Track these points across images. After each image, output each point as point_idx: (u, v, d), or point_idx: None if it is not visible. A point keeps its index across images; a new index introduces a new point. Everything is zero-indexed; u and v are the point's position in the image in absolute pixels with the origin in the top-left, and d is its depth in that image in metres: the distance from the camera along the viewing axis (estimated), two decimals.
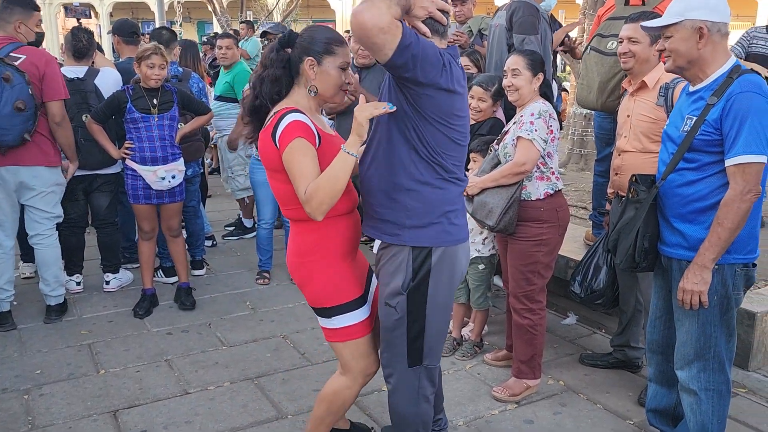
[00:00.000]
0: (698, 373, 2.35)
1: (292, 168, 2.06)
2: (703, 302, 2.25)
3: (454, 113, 2.05)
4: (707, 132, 2.20)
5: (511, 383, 3.15)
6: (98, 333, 3.83)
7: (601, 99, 3.63)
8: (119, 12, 33.51)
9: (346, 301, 2.23)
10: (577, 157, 7.55)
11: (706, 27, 2.19)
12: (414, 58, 1.89)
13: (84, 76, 4.14)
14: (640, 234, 2.37)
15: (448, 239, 2.15)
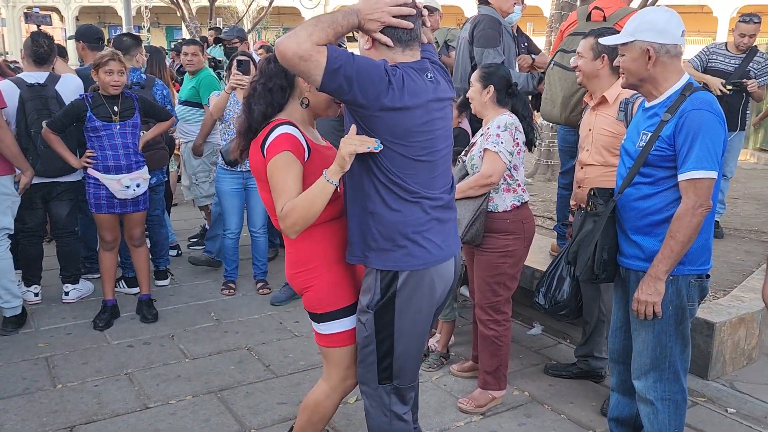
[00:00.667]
0: (654, 383, 2.40)
1: (274, 181, 2.08)
2: (656, 313, 2.31)
3: (412, 131, 1.97)
4: (661, 148, 2.26)
5: (477, 394, 3.15)
6: (56, 346, 3.72)
7: (565, 113, 3.68)
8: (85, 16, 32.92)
9: (340, 308, 2.24)
10: (543, 168, 7.64)
11: (653, 49, 2.25)
12: (348, 80, 1.83)
13: (45, 82, 4.04)
14: (598, 246, 2.42)
15: (413, 263, 2.06)
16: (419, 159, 2.02)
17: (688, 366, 2.43)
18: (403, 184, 2.01)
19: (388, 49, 2.00)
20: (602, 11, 3.69)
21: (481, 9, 4.13)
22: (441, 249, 2.11)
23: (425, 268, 2.08)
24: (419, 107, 1.97)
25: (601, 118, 2.99)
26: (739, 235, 5.21)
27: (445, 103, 2.11)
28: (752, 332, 3.56)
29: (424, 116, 2.00)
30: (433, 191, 2.08)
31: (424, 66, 2.05)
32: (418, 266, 2.07)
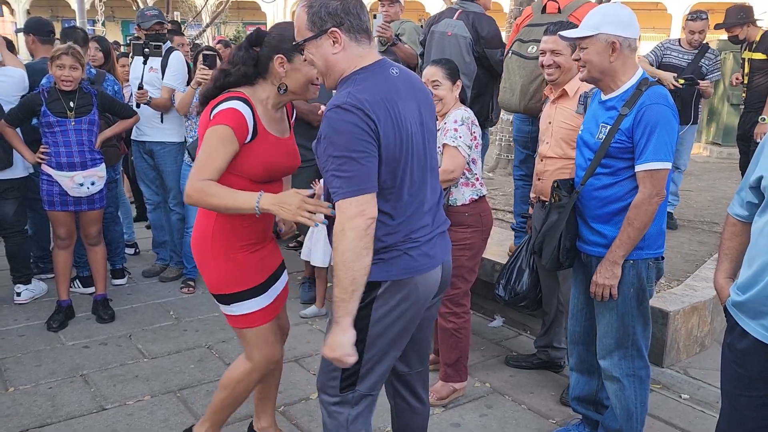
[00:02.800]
0: (619, 361, 2.51)
1: (204, 148, 2.09)
2: (613, 295, 2.42)
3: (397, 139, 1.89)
4: (620, 140, 2.35)
5: (438, 387, 3.17)
6: (8, 348, 3.61)
7: (524, 102, 3.73)
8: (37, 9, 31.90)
9: (243, 290, 2.27)
10: (504, 162, 7.72)
11: (618, 42, 2.33)
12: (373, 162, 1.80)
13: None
14: (563, 236, 2.50)
15: (396, 272, 1.92)
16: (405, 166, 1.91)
17: (648, 343, 2.56)
18: (388, 192, 1.89)
19: (358, 46, 1.89)
20: (557, 3, 3.75)
21: (471, 6, 4.15)
22: (428, 257, 1.99)
23: (409, 277, 1.95)
24: (394, 110, 1.87)
25: (561, 111, 3.03)
26: (692, 226, 5.36)
27: (419, 91, 2.01)
28: (705, 320, 3.67)
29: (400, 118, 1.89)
30: (418, 195, 1.97)
31: (386, 63, 1.96)
32: (402, 275, 1.94)
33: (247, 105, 2.13)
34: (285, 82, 2.20)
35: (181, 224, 4.73)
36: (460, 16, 4.13)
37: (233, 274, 2.25)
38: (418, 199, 1.96)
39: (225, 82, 2.20)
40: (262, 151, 2.13)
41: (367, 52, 1.91)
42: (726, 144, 9.65)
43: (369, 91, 1.83)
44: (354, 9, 1.88)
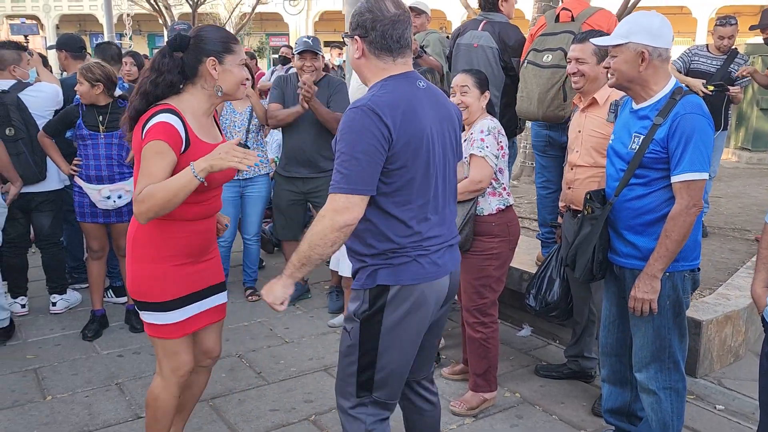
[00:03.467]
0: (656, 374, 2.48)
1: (143, 166, 2.09)
2: (653, 309, 2.38)
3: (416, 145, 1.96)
4: (655, 151, 2.33)
5: (468, 397, 3.17)
6: (45, 357, 3.69)
7: (542, 109, 3.74)
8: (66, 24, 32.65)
9: (157, 301, 2.26)
10: (529, 170, 7.69)
11: (648, 51, 2.31)
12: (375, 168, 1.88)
13: (8, 89, 3.97)
14: (596, 248, 2.48)
15: (406, 278, 1.99)
16: (420, 175, 1.97)
17: (685, 355, 2.53)
18: (401, 198, 1.96)
19: (378, 60, 1.99)
20: (570, 11, 3.76)
21: (495, 16, 4.17)
22: (437, 266, 2.04)
23: (417, 284, 2.00)
24: (414, 118, 1.94)
25: (591, 119, 3.02)
26: (722, 233, 5.28)
27: (442, 107, 2.06)
28: (739, 329, 3.62)
29: (421, 128, 1.95)
30: (429, 204, 2.02)
31: (414, 75, 2.03)
32: (411, 281, 1.99)
33: (177, 116, 2.13)
34: (220, 84, 2.20)
35: None
36: (485, 27, 4.14)
37: (150, 284, 2.25)
38: (431, 207, 2.02)
39: (154, 95, 2.18)
40: (194, 159, 2.12)
41: (390, 66, 2.00)
42: (756, 149, 9.49)
43: (389, 96, 1.92)
44: (381, 28, 1.95)
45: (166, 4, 18.14)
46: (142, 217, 2.07)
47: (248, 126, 4.45)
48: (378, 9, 1.96)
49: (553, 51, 3.63)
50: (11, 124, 3.85)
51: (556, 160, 4.03)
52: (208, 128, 2.29)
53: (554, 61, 3.62)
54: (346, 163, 1.87)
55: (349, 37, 2.03)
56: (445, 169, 2.07)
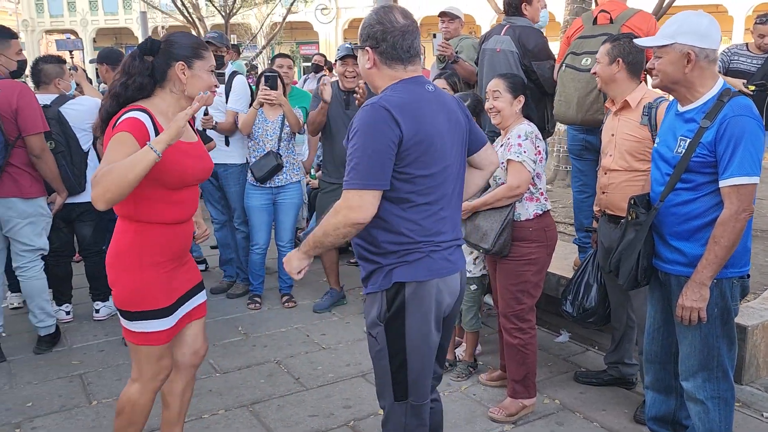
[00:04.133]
0: (704, 383, 2.41)
1: (105, 154, 2.09)
2: (701, 318, 2.32)
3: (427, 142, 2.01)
4: (702, 154, 2.27)
5: (507, 403, 3.15)
6: (89, 363, 3.79)
7: (581, 113, 3.70)
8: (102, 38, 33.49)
9: (148, 309, 2.26)
10: (563, 174, 7.61)
11: (694, 53, 2.26)
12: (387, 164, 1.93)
13: (50, 104, 4.07)
14: (641, 254, 2.43)
15: (421, 273, 2.04)
16: (432, 173, 2.02)
17: (734, 364, 2.46)
18: (416, 195, 2.01)
19: (389, 69, 2.05)
20: (608, 14, 3.71)
21: (518, 21, 4.16)
22: (449, 262, 2.09)
23: (431, 279, 2.05)
24: (425, 120, 1.99)
25: (623, 122, 2.98)
26: (765, 236, 5.15)
27: (451, 112, 2.10)
28: None
29: (432, 128, 2.01)
30: (441, 202, 2.07)
31: (423, 79, 2.09)
32: (426, 277, 2.04)
33: (146, 114, 2.16)
34: (186, 88, 2.24)
35: (246, 242, 4.87)
36: (507, 32, 4.14)
37: (140, 293, 2.24)
38: (445, 206, 2.08)
39: (125, 97, 2.21)
40: (171, 159, 2.14)
41: (401, 74, 2.06)
42: None
43: (400, 96, 1.98)
44: (392, 38, 2.01)
45: (199, 16, 18.49)
46: (100, 200, 2.02)
47: (280, 134, 4.51)
48: (388, 21, 2.01)
49: (592, 54, 3.59)
50: (51, 138, 3.96)
51: (593, 163, 3.98)
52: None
53: (593, 64, 3.58)
54: (358, 159, 1.92)
55: (360, 48, 2.08)
56: (458, 170, 2.13)
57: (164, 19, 23.51)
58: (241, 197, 4.74)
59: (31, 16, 35.02)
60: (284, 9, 19.84)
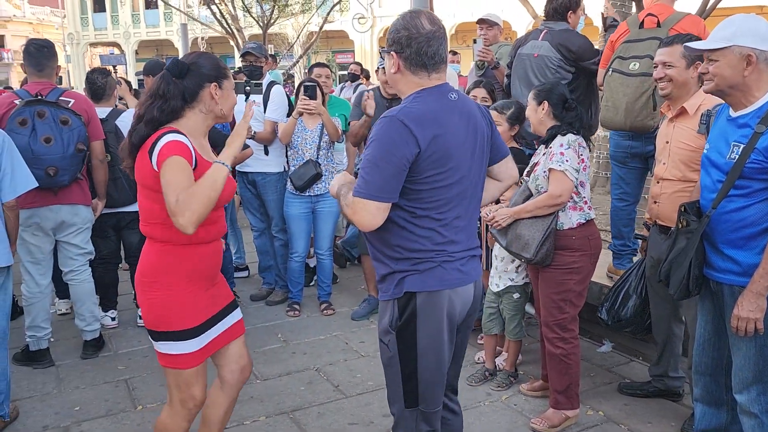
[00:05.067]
0: (758, 396, 2.34)
1: (166, 180, 2.08)
2: (758, 329, 2.25)
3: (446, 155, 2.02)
4: (757, 160, 2.21)
5: (550, 414, 3.10)
6: (134, 368, 3.87)
7: (630, 119, 3.62)
8: (144, 49, 34.35)
9: (175, 330, 2.24)
10: (603, 180, 7.51)
11: (755, 55, 2.20)
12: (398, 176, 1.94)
13: (106, 117, 4.20)
14: (692, 263, 2.37)
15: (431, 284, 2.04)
16: (448, 184, 2.01)
17: None
18: (425, 204, 2.01)
19: (414, 75, 2.04)
20: (656, 17, 3.64)
21: (556, 25, 4.13)
22: (462, 273, 2.09)
23: (443, 290, 2.05)
24: (444, 131, 1.98)
25: (679, 130, 2.90)
26: None
27: (475, 121, 2.09)
28: None
29: (451, 139, 2.00)
30: (456, 211, 2.06)
31: (446, 88, 2.08)
32: (437, 287, 2.04)
33: (184, 136, 2.20)
34: (218, 107, 2.29)
35: (284, 250, 4.92)
36: (545, 37, 4.10)
37: (166, 313, 2.22)
38: (462, 215, 2.07)
39: (158, 121, 2.22)
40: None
41: (425, 81, 2.05)
42: None
43: (420, 107, 1.97)
44: (416, 45, 2.01)
45: (237, 27, 18.81)
46: (192, 224, 2.05)
47: (319, 143, 4.55)
48: (414, 26, 2.00)
49: (641, 58, 3.53)
50: (109, 151, 4.09)
51: (635, 171, 3.91)
52: (207, 148, 2.37)
53: (642, 68, 3.51)
54: (368, 169, 1.94)
55: (386, 52, 2.09)
56: (476, 180, 2.13)
57: (203, 30, 23.99)
58: (279, 206, 4.80)
59: (76, 30, 36.16)
60: (321, 18, 20.05)
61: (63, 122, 3.56)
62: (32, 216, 3.70)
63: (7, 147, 3.00)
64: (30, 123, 3.48)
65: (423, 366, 2.08)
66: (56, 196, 3.70)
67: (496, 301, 3.54)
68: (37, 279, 3.82)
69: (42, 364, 3.86)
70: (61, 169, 3.57)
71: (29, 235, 3.75)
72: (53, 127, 3.53)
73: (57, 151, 3.53)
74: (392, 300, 2.07)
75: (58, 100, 3.64)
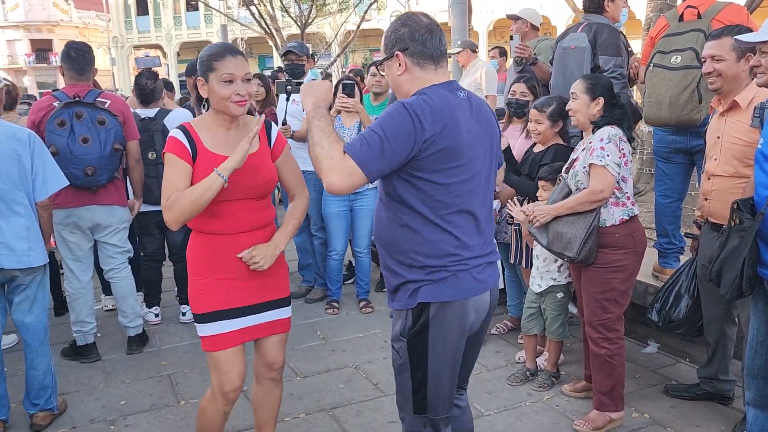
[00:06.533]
0: None
1: (164, 176, 2.30)
2: None
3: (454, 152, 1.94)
4: None
5: (594, 416, 3.03)
6: (177, 364, 3.94)
7: (674, 114, 3.52)
8: (186, 51, 34.97)
9: (198, 312, 2.38)
10: (647, 177, 7.33)
11: None
12: (388, 166, 1.87)
13: (154, 116, 4.30)
14: (746, 262, 2.28)
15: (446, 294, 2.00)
16: (460, 180, 1.96)
17: None
18: (437, 206, 1.96)
19: (421, 70, 2.00)
20: (695, 9, 3.52)
21: (595, 18, 4.04)
22: (477, 281, 2.03)
23: (457, 300, 2.01)
24: (456, 126, 1.93)
25: (731, 124, 2.80)
26: None
27: (486, 120, 2.05)
28: None
29: (463, 135, 1.94)
30: (469, 214, 2.01)
31: (454, 85, 2.03)
32: (451, 297, 2.00)
33: (184, 131, 2.29)
34: (212, 101, 2.30)
35: (323, 248, 4.94)
36: (584, 29, 4.02)
37: (194, 295, 2.38)
38: (471, 216, 2.01)
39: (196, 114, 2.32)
40: (203, 168, 2.24)
41: (432, 76, 2.01)
42: None
43: (433, 101, 1.92)
44: (420, 37, 1.98)
45: (276, 27, 19.01)
46: (174, 223, 2.23)
47: None
48: (413, 21, 2.01)
49: (682, 51, 3.42)
50: (154, 149, 4.18)
51: (680, 167, 3.80)
52: (228, 141, 2.34)
53: (685, 61, 3.41)
54: (370, 137, 1.86)
55: (387, 59, 2.02)
56: (486, 180, 2.06)
57: (243, 31, 24.32)
58: (318, 204, 4.81)
59: (120, 33, 37.11)
60: (358, 17, 20.11)
61: (100, 122, 3.64)
62: (70, 215, 3.79)
63: (37, 147, 3.07)
64: (68, 124, 3.57)
65: (433, 375, 2.05)
66: (95, 195, 3.78)
67: (537, 300, 3.48)
68: (79, 275, 3.91)
69: (89, 359, 3.96)
70: (99, 169, 3.65)
71: (68, 233, 3.84)
72: (91, 128, 3.62)
73: (95, 151, 3.62)
74: (406, 310, 2.04)
75: (95, 101, 3.72)
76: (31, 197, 3.07)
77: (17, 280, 3.07)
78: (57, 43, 39.25)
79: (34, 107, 3.80)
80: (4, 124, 3.03)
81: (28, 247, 3.03)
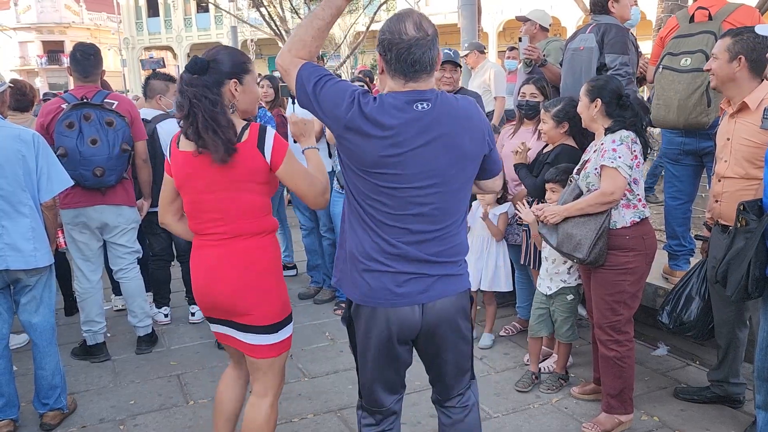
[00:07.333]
0: None
1: None
2: None
3: (377, 163, 1.90)
4: None
5: (602, 419, 3.02)
6: (186, 364, 3.95)
7: (683, 116, 3.50)
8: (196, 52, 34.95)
9: (290, 312, 2.42)
10: (659, 179, 7.28)
11: None
12: (314, 97, 1.94)
13: (150, 119, 4.29)
14: (752, 264, 2.27)
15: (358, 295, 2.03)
16: (386, 190, 1.94)
17: None
18: (367, 211, 1.98)
19: (391, 80, 1.96)
20: (706, 10, 3.50)
21: (603, 18, 4.02)
22: (392, 293, 1.97)
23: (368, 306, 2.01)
24: (382, 137, 1.89)
25: (741, 126, 2.79)
26: None
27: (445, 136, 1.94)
28: None
29: (394, 147, 1.90)
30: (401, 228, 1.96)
31: (415, 96, 1.93)
32: (360, 301, 2.03)
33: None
34: (236, 102, 2.25)
35: (332, 249, 4.94)
36: (593, 30, 4.00)
37: (286, 297, 2.40)
38: (405, 229, 1.96)
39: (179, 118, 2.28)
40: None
41: (400, 87, 1.95)
42: None
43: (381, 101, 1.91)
44: (396, 50, 1.91)
45: (286, 28, 19.07)
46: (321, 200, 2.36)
47: None
48: (397, 31, 1.90)
49: (692, 54, 3.41)
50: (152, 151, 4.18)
51: (689, 169, 3.78)
52: None
53: (694, 64, 3.39)
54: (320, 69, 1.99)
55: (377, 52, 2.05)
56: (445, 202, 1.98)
57: (253, 32, 24.41)
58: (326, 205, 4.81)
59: (131, 35, 37.35)
60: (367, 18, 20.13)
61: (108, 124, 3.66)
62: (78, 215, 3.81)
63: (41, 148, 3.08)
64: (77, 126, 3.60)
65: (360, 365, 2.17)
66: (104, 195, 3.80)
67: (546, 303, 3.47)
68: (88, 275, 3.94)
69: (98, 358, 3.99)
70: (108, 170, 3.68)
71: (77, 233, 3.87)
72: (99, 129, 3.64)
73: (103, 152, 3.64)
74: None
75: (102, 102, 3.75)
76: (36, 198, 3.08)
77: (22, 281, 3.09)
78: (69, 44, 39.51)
79: (42, 110, 3.83)
80: (9, 125, 3.05)
81: (34, 248, 3.05)
